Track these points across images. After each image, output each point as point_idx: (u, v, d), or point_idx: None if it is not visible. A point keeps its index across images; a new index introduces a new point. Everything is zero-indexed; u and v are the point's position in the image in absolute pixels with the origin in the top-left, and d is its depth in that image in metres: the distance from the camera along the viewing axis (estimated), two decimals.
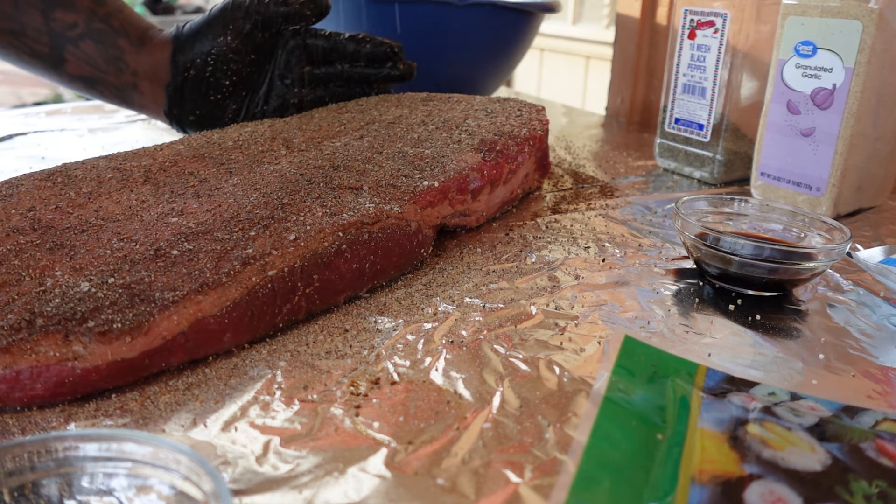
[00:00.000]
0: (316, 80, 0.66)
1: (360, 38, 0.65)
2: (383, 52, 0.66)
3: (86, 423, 0.30)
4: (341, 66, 0.66)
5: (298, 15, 0.62)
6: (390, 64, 0.67)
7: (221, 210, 0.40)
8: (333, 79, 0.67)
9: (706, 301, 0.43)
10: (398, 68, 0.67)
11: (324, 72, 0.66)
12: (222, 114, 0.63)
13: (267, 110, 0.64)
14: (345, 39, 0.65)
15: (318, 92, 0.66)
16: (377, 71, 0.67)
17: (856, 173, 0.55)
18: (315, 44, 0.65)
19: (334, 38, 0.65)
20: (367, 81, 0.68)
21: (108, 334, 0.31)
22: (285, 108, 0.65)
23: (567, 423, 0.30)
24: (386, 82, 0.68)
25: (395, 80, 0.68)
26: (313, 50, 0.65)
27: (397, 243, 0.43)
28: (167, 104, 0.63)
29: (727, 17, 0.62)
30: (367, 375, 0.33)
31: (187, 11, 3.94)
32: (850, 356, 0.37)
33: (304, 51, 0.65)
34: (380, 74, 0.67)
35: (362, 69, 0.67)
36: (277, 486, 0.26)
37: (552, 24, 1.79)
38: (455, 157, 0.50)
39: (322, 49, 0.65)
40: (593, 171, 0.70)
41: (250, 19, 0.61)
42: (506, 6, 0.80)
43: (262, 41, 0.62)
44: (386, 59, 0.66)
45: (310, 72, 0.65)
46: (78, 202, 0.41)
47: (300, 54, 0.65)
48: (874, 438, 0.29)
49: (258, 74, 0.63)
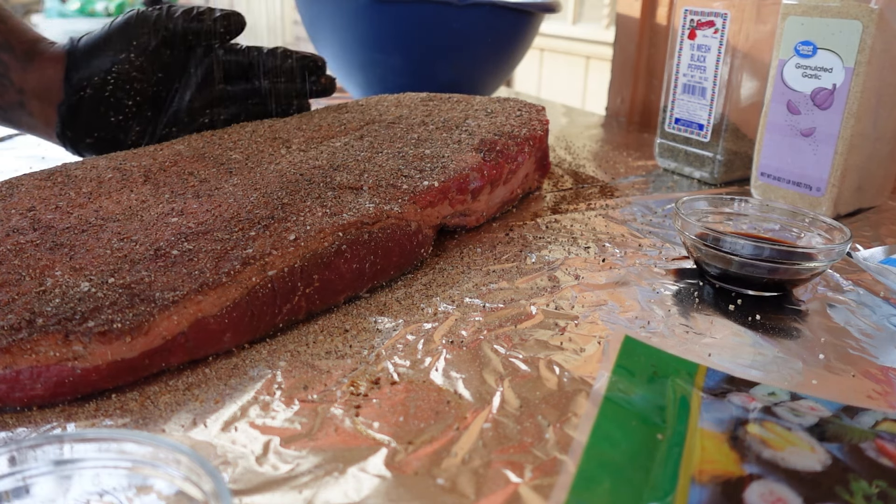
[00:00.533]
0: (231, 97, 0.62)
1: (279, 53, 0.62)
2: (305, 66, 0.63)
3: (86, 423, 0.30)
4: (259, 83, 0.63)
5: (211, 32, 0.57)
6: (312, 78, 0.64)
7: (221, 210, 0.40)
8: (250, 95, 0.63)
9: (706, 301, 0.43)
10: (319, 82, 0.64)
11: (240, 88, 0.62)
12: (125, 136, 0.57)
13: (176, 132, 0.59)
14: (263, 54, 0.62)
15: (231, 110, 0.62)
16: (298, 86, 0.64)
17: (856, 173, 0.55)
18: (231, 60, 0.61)
19: (252, 54, 0.61)
20: (286, 97, 0.64)
21: (108, 334, 0.31)
22: (197, 130, 0.60)
23: (567, 423, 0.30)
24: (309, 97, 0.65)
25: (315, 96, 0.65)
26: (229, 66, 0.61)
27: (397, 243, 0.43)
28: (59, 125, 0.56)
29: (727, 17, 0.62)
30: (367, 375, 0.33)
31: None
32: (850, 356, 0.37)
33: (218, 68, 0.60)
34: (300, 90, 0.64)
35: (282, 84, 0.63)
36: (277, 486, 0.26)
37: (552, 24, 1.79)
38: (455, 157, 0.50)
39: (238, 65, 0.61)
40: (593, 171, 0.70)
41: (157, 35, 0.56)
42: (506, 6, 0.80)
43: (169, 58, 0.57)
44: (310, 73, 0.63)
45: (223, 89, 0.61)
46: (78, 202, 0.41)
47: (213, 72, 0.60)
48: (874, 438, 0.29)
49: (165, 93, 0.58)
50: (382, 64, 0.84)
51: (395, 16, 0.79)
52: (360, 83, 0.88)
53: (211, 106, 0.60)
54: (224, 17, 0.58)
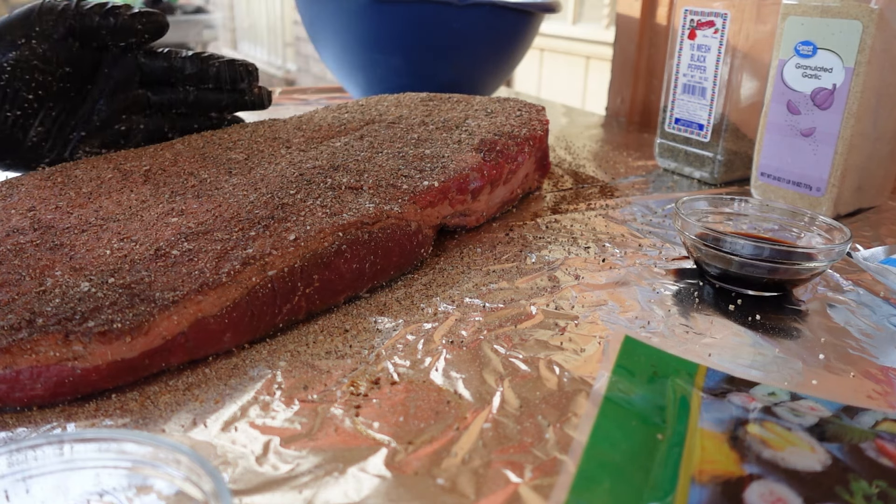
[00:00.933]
0: (151, 106, 0.57)
1: (205, 57, 0.57)
2: (235, 72, 0.58)
3: (86, 423, 0.30)
4: (184, 90, 0.58)
5: (127, 29, 0.53)
6: (244, 85, 0.59)
7: (221, 210, 0.41)
8: (175, 104, 0.58)
9: (706, 301, 0.43)
10: (252, 92, 0.60)
11: (163, 97, 0.57)
12: (23, 135, 0.51)
13: (87, 137, 0.54)
14: (187, 58, 0.57)
15: (154, 121, 0.57)
16: (227, 95, 0.59)
17: (856, 173, 0.55)
18: (150, 63, 0.56)
19: (175, 57, 0.57)
20: (215, 107, 0.59)
21: (108, 334, 0.31)
22: (113, 137, 0.55)
23: (567, 423, 0.30)
24: (238, 109, 0.61)
25: (249, 107, 0.60)
26: (149, 70, 0.56)
27: (397, 243, 0.43)
28: None
29: (727, 17, 0.62)
30: (367, 375, 0.33)
31: (187, 11, 3.94)
32: (850, 356, 0.37)
33: (136, 71, 0.56)
34: (230, 100, 0.59)
35: (210, 93, 0.58)
36: (277, 486, 0.26)
37: (552, 24, 1.79)
38: (455, 157, 0.50)
39: (160, 70, 0.56)
40: (593, 171, 0.70)
41: (64, 24, 0.51)
42: (506, 6, 0.80)
43: (79, 53, 0.52)
44: (238, 80, 0.58)
45: (143, 95, 0.56)
46: (78, 202, 0.41)
47: (131, 75, 0.55)
48: (874, 438, 0.29)
49: (74, 93, 0.53)
50: (382, 64, 0.84)
51: (395, 16, 0.79)
52: (360, 83, 0.88)
53: (128, 112, 0.56)
54: (141, 15, 0.54)
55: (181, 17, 3.82)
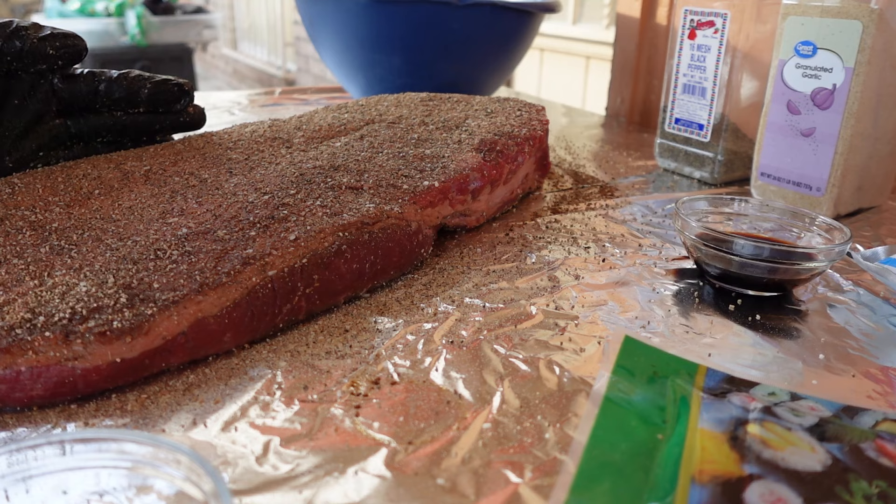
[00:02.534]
0: (73, 136, 0.51)
1: (134, 78, 0.51)
2: (169, 92, 0.52)
3: (86, 423, 0.30)
4: (111, 115, 0.51)
5: (37, 54, 0.46)
6: (180, 105, 0.53)
7: (221, 210, 0.41)
8: (100, 132, 0.52)
9: (706, 301, 0.43)
10: (187, 112, 0.54)
11: (86, 125, 0.51)
12: None
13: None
14: (113, 80, 0.50)
15: (76, 153, 0.51)
16: (161, 118, 0.53)
17: (856, 173, 0.55)
18: (69, 89, 0.49)
19: (96, 81, 0.50)
20: (147, 132, 0.53)
21: (108, 334, 0.31)
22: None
23: (567, 423, 0.30)
24: (173, 131, 0.55)
25: (183, 129, 0.55)
26: (68, 97, 0.49)
27: (397, 243, 0.43)
28: None
29: (727, 17, 0.62)
30: (367, 375, 0.33)
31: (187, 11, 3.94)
32: (850, 356, 0.37)
33: (52, 99, 0.49)
34: (164, 122, 0.53)
35: (141, 117, 0.52)
36: (277, 486, 0.26)
37: (552, 24, 1.79)
38: (455, 158, 0.50)
39: (81, 95, 0.50)
40: (593, 171, 0.70)
41: None
42: (506, 6, 0.80)
43: None
44: (173, 100, 0.52)
45: (62, 126, 0.50)
46: (78, 202, 0.41)
47: (47, 104, 0.49)
48: (874, 438, 0.29)
49: None
50: (382, 64, 0.84)
51: (395, 16, 0.79)
52: (360, 83, 0.88)
53: (46, 148, 0.49)
54: (54, 38, 0.47)
55: (181, 17, 3.82)
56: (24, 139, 0.48)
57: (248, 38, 4.83)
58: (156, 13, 3.74)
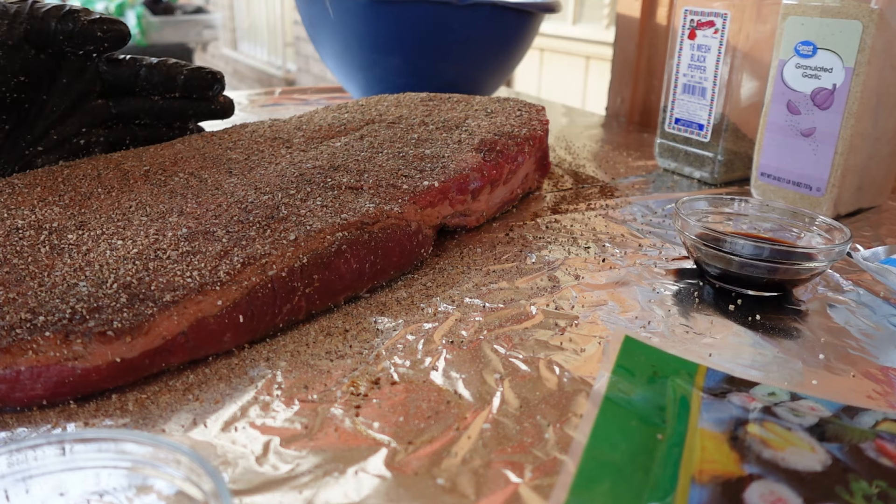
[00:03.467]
0: (113, 117, 0.54)
1: (172, 65, 0.55)
2: (202, 78, 0.55)
3: (86, 423, 0.30)
4: (149, 99, 0.55)
5: (87, 36, 0.49)
6: (212, 91, 0.56)
7: (221, 210, 0.41)
8: (138, 115, 0.55)
9: (706, 301, 0.43)
10: (218, 101, 0.57)
11: (126, 107, 0.54)
12: None
13: (43, 151, 0.51)
14: (153, 66, 0.54)
15: (116, 132, 0.55)
16: (194, 104, 0.57)
17: (856, 173, 0.55)
18: (112, 72, 0.53)
19: (138, 65, 0.54)
20: (181, 116, 0.57)
21: (108, 334, 0.31)
22: (71, 152, 0.52)
23: (567, 423, 0.30)
24: (204, 118, 0.58)
25: (213, 117, 0.58)
26: (111, 80, 0.53)
27: (397, 243, 0.43)
28: None
29: (727, 17, 0.62)
30: (367, 375, 0.33)
31: (187, 11, 3.94)
32: (850, 356, 0.37)
33: (97, 81, 0.52)
34: (197, 109, 0.57)
35: (176, 102, 0.56)
36: (277, 486, 0.26)
37: (552, 24, 1.79)
38: (455, 158, 0.50)
39: (123, 79, 0.53)
40: (593, 171, 0.70)
41: (19, 28, 0.47)
42: (506, 6, 0.80)
43: (35, 59, 0.48)
44: (206, 87, 0.55)
45: (104, 106, 0.53)
46: (78, 202, 0.41)
47: (92, 85, 0.52)
48: (874, 438, 0.29)
49: (29, 104, 0.49)
50: (382, 64, 0.84)
51: (395, 16, 0.79)
52: (360, 83, 0.88)
53: (88, 125, 0.53)
54: (102, 21, 0.50)
55: (181, 17, 3.82)
56: (69, 116, 0.51)
57: (248, 38, 4.83)
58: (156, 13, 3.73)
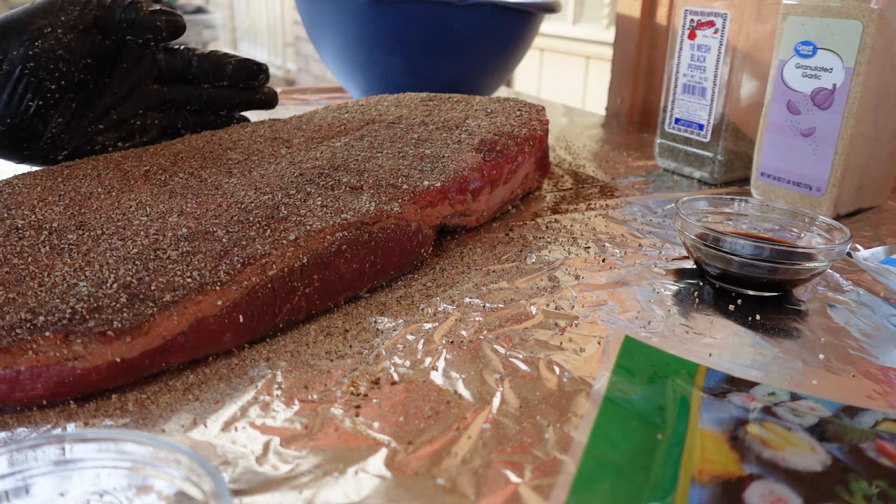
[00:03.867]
0: (167, 103, 0.58)
1: (221, 55, 0.59)
2: (249, 69, 0.59)
3: (86, 423, 0.30)
4: (199, 87, 0.59)
5: (148, 25, 0.53)
6: (258, 81, 0.60)
7: (221, 210, 0.41)
8: (189, 101, 0.59)
9: (706, 301, 0.43)
10: (262, 91, 0.61)
11: (179, 93, 0.59)
12: (44, 126, 0.51)
13: (103, 130, 0.54)
14: (204, 55, 0.58)
15: (168, 117, 0.59)
16: (240, 93, 0.61)
17: (856, 173, 0.55)
18: (167, 60, 0.57)
19: (191, 55, 0.58)
20: (227, 104, 0.61)
21: (108, 334, 0.31)
22: (129, 132, 0.56)
23: (567, 423, 0.30)
24: (249, 108, 0.62)
25: (258, 107, 0.62)
26: (166, 67, 0.57)
27: (397, 243, 0.43)
28: None
29: (727, 17, 0.62)
30: (367, 375, 0.33)
31: (187, 11, 3.94)
32: (850, 356, 0.37)
33: (153, 67, 0.57)
34: (242, 98, 0.61)
35: (224, 91, 0.60)
36: (277, 486, 0.26)
37: (552, 24, 1.79)
38: (455, 158, 0.50)
39: (177, 67, 0.58)
40: (593, 171, 0.70)
41: (88, 14, 0.51)
42: (506, 6, 0.80)
43: (100, 45, 0.52)
44: (252, 77, 0.60)
45: (159, 91, 0.58)
46: (78, 202, 0.41)
47: (149, 71, 0.57)
48: (874, 438, 0.29)
49: (93, 85, 0.53)
50: (382, 64, 0.84)
51: (395, 16, 0.79)
52: (360, 83, 0.88)
53: (145, 108, 0.57)
54: (162, 13, 0.54)
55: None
56: (127, 99, 0.56)
57: (248, 38, 4.83)
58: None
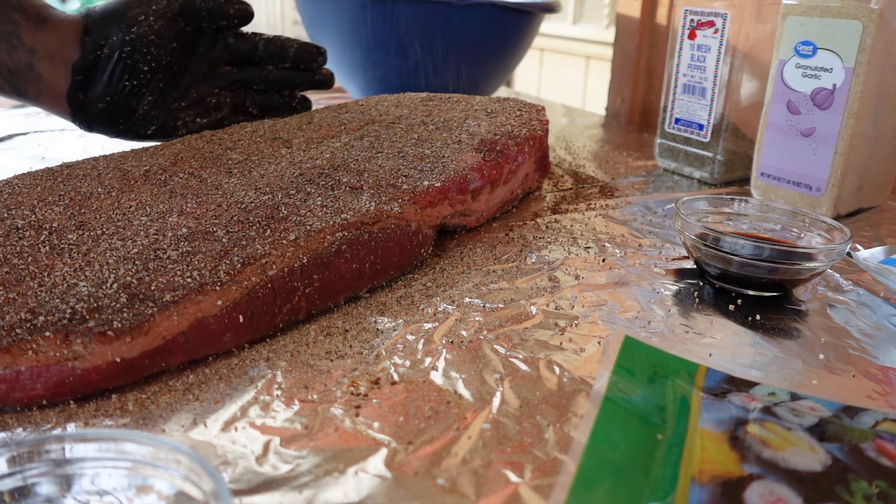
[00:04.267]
0: (237, 83, 0.64)
1: (284, 40, 0.64)
2: (309, 52, 0.65)
3: (86, 423, 0.30)
4: (265, 69, 0.65)
5: (222, 13, 0.60)
6: (317, 63, 0.66)
7: (221, 210, 0.41)
8: (256, 82, 0.65)
9: (706, 301, 0.43)
10: (320, 72, 0.67)
11: (247, 75, 0.65)
12: (137, 103, 0.59)
13: (185, 107, 0.62)
14: (269, 40, 0.64)
15: (239, 96, 0.65)
16: (301, 74, 0.66)
17: (856, 173, 0.55)
18: (237, 45, 0.63)
19: (257, 39, 0.64)
20: (290, 84, 0.66)
21: (108, 334, 0.31)
22: (205, 109, 0.63)
23: (567, 423, 0.30)
24: (309, 88, 0.67)
25: (317, 87, 0.67)
26: (236, 51, 0.64)
27: (397, 243, 0.43)
28: (71, 86, 0.57)
29: (727, 17, 0.62)
30: (367, 375, 0.33)
31: None
32: (850, 356, 0.37)
33: (225, 51, 0.63)
34: (303, 78, 0.66)
35: (287, 72, 0.66)
36: (277, 486, 0.26)
37: (552, 24, 1.79)
38: (455, 157, 0.50)
39: (245, 50, 0.64)
40: (593, 171, 0.70)
41: (175, 3, 0.59)
42: (506, 6, 0.80)
43: (183, 30, 0.59)
44: (312, 59, 0.65)
45: (231, 73, 0.64)
46: (78, 202, 0.41)
47: (223, 54, 0.63)
48: (874, 438, 0.29)
49: (177, 66, 0.60)
50: (382, 64, 0.84)
51: (395, 16, 0.79)
52: (360, 83, 0.88)
53: (219, 87, 0.63)
54: (234, 2, 0.60)
55: None
56: (204, 80, 0.62)
57: None
58: None
